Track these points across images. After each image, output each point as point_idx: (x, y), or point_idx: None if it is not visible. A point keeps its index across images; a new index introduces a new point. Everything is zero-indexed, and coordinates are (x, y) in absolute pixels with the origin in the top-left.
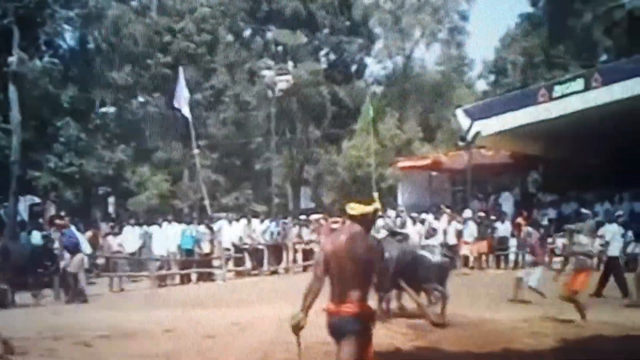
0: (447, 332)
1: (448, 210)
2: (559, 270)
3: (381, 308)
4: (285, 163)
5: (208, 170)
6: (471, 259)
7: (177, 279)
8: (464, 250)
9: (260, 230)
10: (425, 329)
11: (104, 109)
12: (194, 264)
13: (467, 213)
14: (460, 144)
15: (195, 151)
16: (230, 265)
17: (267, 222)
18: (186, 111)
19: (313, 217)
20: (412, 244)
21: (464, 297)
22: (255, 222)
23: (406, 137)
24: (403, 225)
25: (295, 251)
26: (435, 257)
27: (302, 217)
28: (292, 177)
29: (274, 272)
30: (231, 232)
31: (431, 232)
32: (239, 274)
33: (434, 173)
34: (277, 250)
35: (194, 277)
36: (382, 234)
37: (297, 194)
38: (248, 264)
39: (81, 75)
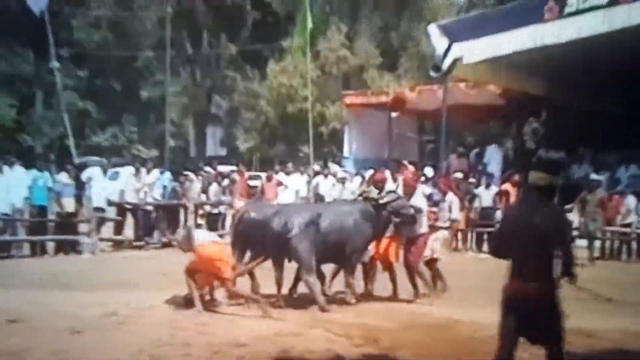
0: (404, 335)
1: (412, 168)
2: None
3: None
4: (185, 90)
5: (73, 94)
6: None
7: (26, 249)
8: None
9: (148, 184)
10: (376, 329)
11: None
12: (51, 228)
13: (428, 172)
14: (433, 75)
15: (55, 64)
16: (105, 232)
17: (157, 172)
18: (40, 3)
19: (223, 169)
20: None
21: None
22: (141, 172)
23: (357, 62)
24: (342, 182)
25: (199, 216)
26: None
27: (208, 168)
28: (194, 110)
29: (167, 245)
30: (106, 184)
31: None
32: (117, 245)
33: (394, 114)
34: (171, 214)
35: (50, 246)
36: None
37: (202, 136)
38: (130, 231)
39: None
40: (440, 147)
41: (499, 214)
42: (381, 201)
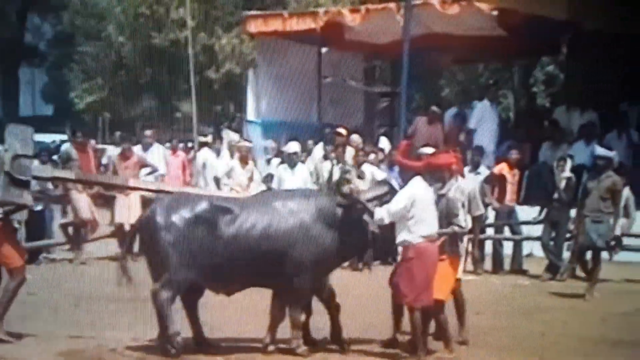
0: None
1: (356, 138)
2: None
3: None
4: None
5: None
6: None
7: None
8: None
9: None
10: None
11: None
12: None
13: (384, 143)
14: None
15: None
16: None
17: None
18: None
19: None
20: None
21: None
22: None
23: None
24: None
25: None
26: None
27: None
28: None
29: None
30: None
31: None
32: None
33: (327, 51)
34: None
35: None
36: None
37: (12, 83)
38: None
39: None
40: (400, 103)
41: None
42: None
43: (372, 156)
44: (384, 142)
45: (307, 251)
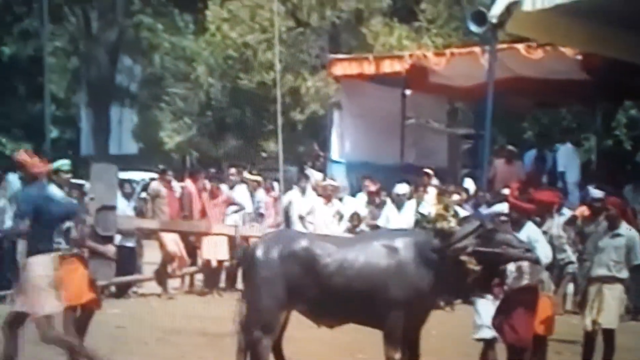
0: None
1: (435, 183)
2: None
3: None
4: (73, 47)
5: None
6: None
7: None
8: None
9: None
10: None
11: None
12: None
13: (468, 184)
14: (474, 29)
15: None
16: None
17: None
18: None
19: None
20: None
21: None
22: (6, 179)
23: (353, 6)
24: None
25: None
26: None
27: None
28: (90, 81)
29: None
30: None
31: None
32: None
33: (411, 93)
34: None
35: None
36: None
37: (102, 122)
38: None
39: None
40: (484, 145)
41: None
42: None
43: (455, 197)
44: (469, 183)
45: (400, 290)
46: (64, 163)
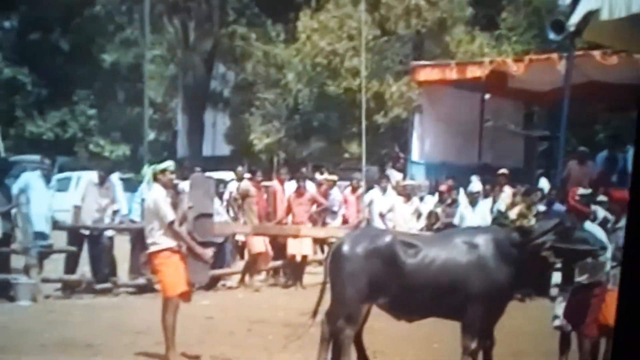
0: None
1: (507, 187)
2: None
3: None
4: (171, 55)
5: None
6: None
7: None
8: None
9: (116, 199)
10: None
11: None
12: None
13: (543, 184)
14: (553, 37)
15: None
16: (50, 269)
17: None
18: None
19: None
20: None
21: None
22: (108, 179)
23: (436, 16)
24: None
25: None
26: None
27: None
28: (186, 87)
29: (145, 289)
30: (51, 198)
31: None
32: (68, 288)
33: (490, 97)
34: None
35: None
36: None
37: (197, 125)
38: (88, 268)
39: None
40: (559, 147)
41: None
42: (537, 232)
43: (535, 196)
44: (544, 183)
45: (480, 284)
46: (169, 164)
